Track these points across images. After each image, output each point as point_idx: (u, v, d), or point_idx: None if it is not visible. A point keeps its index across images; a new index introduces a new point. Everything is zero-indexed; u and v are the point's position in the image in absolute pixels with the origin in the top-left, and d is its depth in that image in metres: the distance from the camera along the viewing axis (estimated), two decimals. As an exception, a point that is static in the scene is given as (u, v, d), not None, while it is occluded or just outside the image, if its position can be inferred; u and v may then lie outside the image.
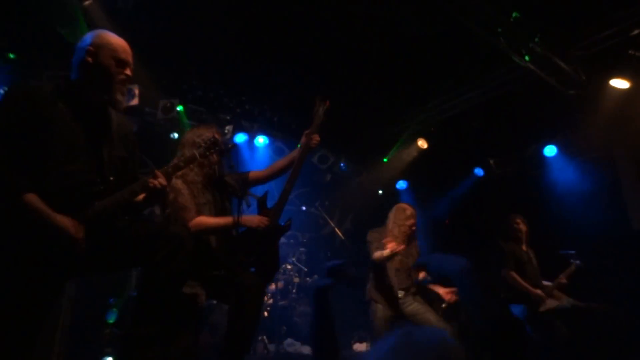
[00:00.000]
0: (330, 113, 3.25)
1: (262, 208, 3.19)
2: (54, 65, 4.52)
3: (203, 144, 2.38)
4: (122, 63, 2.08)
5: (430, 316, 3.95)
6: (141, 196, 2.14)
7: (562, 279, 4.59)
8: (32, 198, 1.79)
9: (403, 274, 4.08)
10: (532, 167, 6.72)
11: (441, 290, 4.07)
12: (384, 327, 3.95)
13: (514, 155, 6.88)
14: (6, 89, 4.30)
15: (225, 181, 3.15)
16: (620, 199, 5.69)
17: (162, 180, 2.09)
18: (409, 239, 4.21)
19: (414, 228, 4.20)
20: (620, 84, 5.14)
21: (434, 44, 4.99)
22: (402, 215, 4.24)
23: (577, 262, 4.64)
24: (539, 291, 4.41)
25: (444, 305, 4.10)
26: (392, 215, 4.32)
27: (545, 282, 4.75)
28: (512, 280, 4.36)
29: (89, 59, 2.04)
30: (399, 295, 4.00)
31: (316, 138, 3.21)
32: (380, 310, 3.98)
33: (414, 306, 4.00)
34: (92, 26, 4.31)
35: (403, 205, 4.39)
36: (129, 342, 2.00)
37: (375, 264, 4.08)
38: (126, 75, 2.10)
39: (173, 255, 1.98)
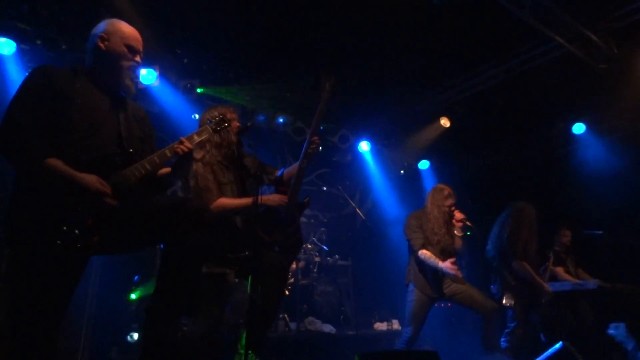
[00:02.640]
0: (338, 88, 3.21)
1: (279, 186, 3.21)
2: (77, 49, 4.61)
3: (213, 120, 2.46)
4: (132, 50, 2.18)
5: (473, 293, 3.94)
6: (165, 170, 2.22)
7: (552, 268, 4.67)
8: (55, 161, 1.87)
9: (446, 255, 4.03)
10: (560, 145, 6.53)
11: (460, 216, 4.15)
12: (421, 311, 3.95)
13: (541, 133, 6.68)
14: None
15: (244, 163, 3.18)
16: (653, 177, 5.49)
17: (187, 144, 2.19)
18: (450, 219, 4.16)
19: (453, 208, 4.16)
20: (655, 57, 4.92)
21: (458, 17, 4.83)
22: (440, 196, 4.20)
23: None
24: (546, 286, 4.31)
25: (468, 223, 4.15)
26: (429, 196, 4.28)
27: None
28: (524, 271, 4.26)
29: (101, 45, 2.15)
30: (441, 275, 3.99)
31: (316, 141, 3.17)
32: (418, 293, 3.97)
33: (453, 286, 3.98)
34: (111, 7, 4.34)
35: (440, 185, 4.34)
36: (150, 316, 2.05)
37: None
38: (135, 62, 2.20)
39: (194, 228, 2.04)
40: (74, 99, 2.01)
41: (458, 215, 4.14)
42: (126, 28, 2.22)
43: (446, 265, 3.80)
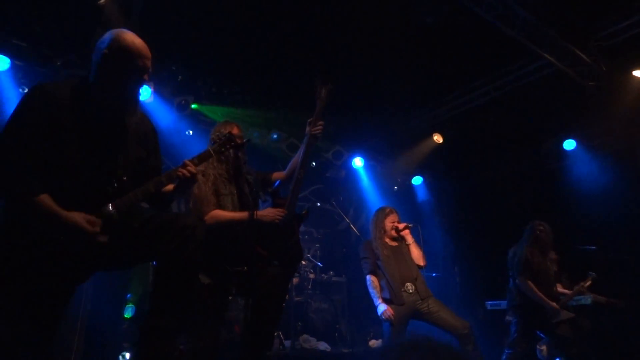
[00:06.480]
0: (334, 94, 3.14)
1: (275, 199, 3.18)
2: (72, 66, 4.61)
3: (218, 140, 2.40)
4: (138, 69, 2.03)
5: (444, 314, 3.95)
6: (170, 187, 2.18)
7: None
8: (44, 198, 1.81)
9: (403, 265, 4.14)
10: (551, 161, 6.60)
11: (401, 226, 4.30)
12: (397, 329, 3.92)
13: (532, 149, 6.76)
14: (27, 90, 4.40)
15: (244, 176, 3.16)
16: (642, 192, 5.56)
17: (191, 168, 2.13)
18: (398, 234, 4.29)
19: (397, 224, 4.30)
20: (642, 74, 5.02)
21: (450, 36, 4.91)
22: (381, 216, 4.38)
23: (593, 274, 4.60)
24: (554, 303, 4.26)
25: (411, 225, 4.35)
26: (372, 220, 4.45)
27: (562, 290, 4.64)
28: (528, 289, 4.26)
29: (105, 62, 2.01)
30: (410, 290, 4.02)
31: (320, 124, 3.12)
32: (394, 310, 3.96)
33: (427, 306, 3.98)
34: (107, 24, 4.35)
35: (381, 207, 4.55)
36: (145, 334, 2.01)
37: (376, 268, 4.14)
38: (142, 79, 2.06)
39: (185, 246, 1.99)
40: (70, 126, 1.93)
41: (400, 226, 4.29)
42: (132, 44, 2.02)
43: (383, 311, 3.90)
